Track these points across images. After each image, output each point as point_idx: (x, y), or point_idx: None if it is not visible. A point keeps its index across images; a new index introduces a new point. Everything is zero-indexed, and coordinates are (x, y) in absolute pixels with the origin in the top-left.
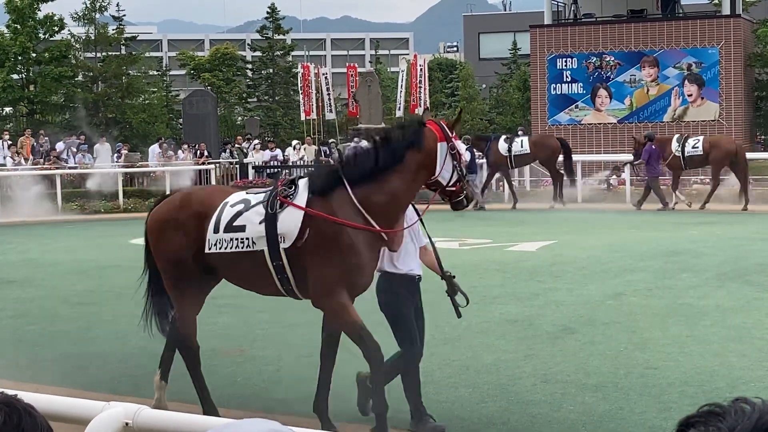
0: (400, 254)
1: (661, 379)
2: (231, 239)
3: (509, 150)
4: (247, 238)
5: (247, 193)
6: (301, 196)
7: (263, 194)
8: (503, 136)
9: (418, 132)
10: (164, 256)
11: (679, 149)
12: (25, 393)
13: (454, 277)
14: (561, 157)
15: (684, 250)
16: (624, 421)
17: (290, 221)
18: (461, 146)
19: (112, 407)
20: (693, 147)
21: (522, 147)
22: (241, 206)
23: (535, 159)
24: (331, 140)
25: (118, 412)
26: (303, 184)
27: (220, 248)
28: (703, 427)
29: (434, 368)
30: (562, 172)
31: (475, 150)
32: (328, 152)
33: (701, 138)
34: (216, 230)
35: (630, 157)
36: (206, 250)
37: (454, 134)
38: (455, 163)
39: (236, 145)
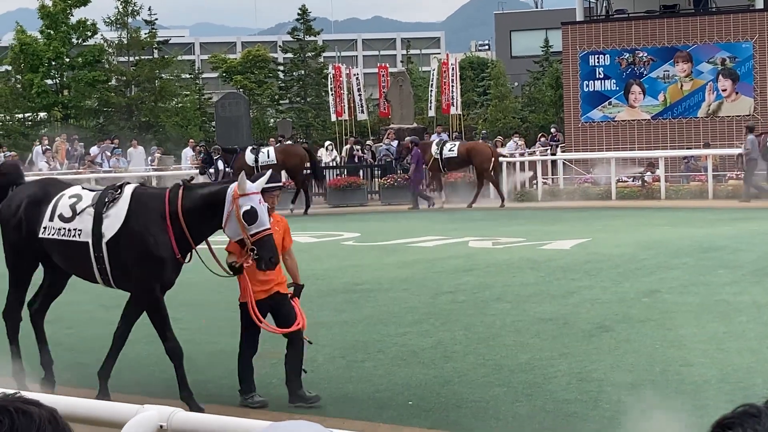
0: None
1: (698, 376)
2: None
3: (256, 160)
4: None
5: None
6: None
7: None
8: (250, 147)
9: None
10: None
11: (438, 152)
12: (61, 397)
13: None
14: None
15: (719, 247)
16: (661, 418)
17: None
18: None
19: (147, 410)
20: (449, 150)
21: (269, 157)
22: None
23: (282, 168)
24: (367, 141)
25: (153, 415)
26: None
27: None
28: (740, 429)
29: (468, 368)
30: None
31: (224, 161)
32: (361, 152)
33: (457, 143)
34: None
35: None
36: None
37: None
38: None
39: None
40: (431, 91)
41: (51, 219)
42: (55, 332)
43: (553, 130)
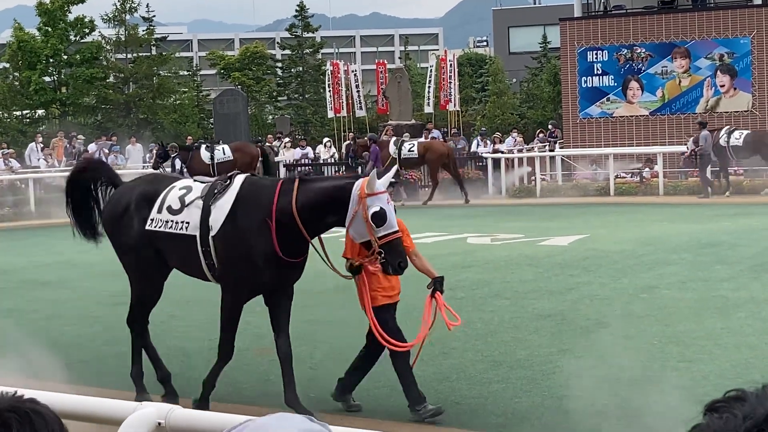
0: None
1: (696, 372)
2: None
3: (212, 158)
4: None
5: None
6: None
7: None
8: (204, 145)
9: None
10: None
11: (396, 152)
12: (60, 394)
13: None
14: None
15: (718, 242)
16: (658, 414)
17: None
18: None
19: (145, 407)
20: (408, 150)
21: (224, 154)
22: None
23: (237, 165)
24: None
25: (151, 412)
26: None
27: None
28: (726, 412)
29: (467, 364)
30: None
31: (180, 160)
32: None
33: (416, 142)
34: None
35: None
36: None
37: None
38: None
39: (267, 144)
40: (429, 87)
41: (159, 211)
42: (52, 330)
43: (551, 126)
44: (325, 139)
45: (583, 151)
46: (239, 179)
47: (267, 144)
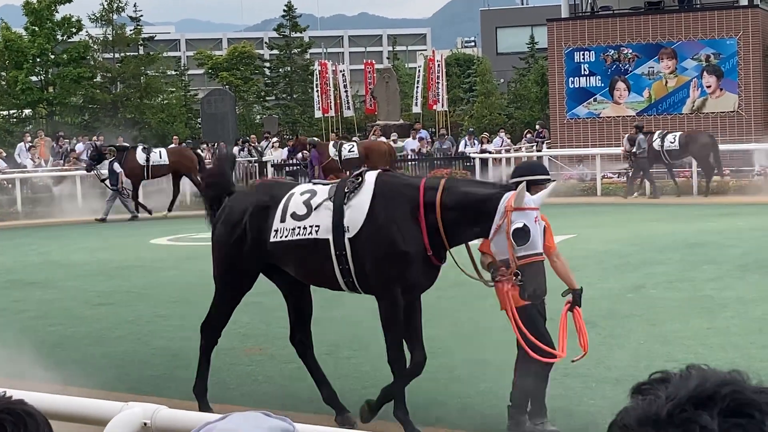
0: None
1: None
2: None
3: (147, 160)
4: None
5: None
6: None
7: None
8: (140, 147)
9: None
10: None
11: (336, 153)
12: (46, 394)
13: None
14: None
15: (705, 242)
16: None
17: None
18: None
19: (131, 407)
20: (349, 151)
21: (161, 158)
22: None
23: (173, 170)
24: (353, 138)
25: (137, 412)
26: None
27: None
28: (650, 394)
29: (455, 364)
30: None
31: (117, 162)
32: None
33: (355, 143)
34: None
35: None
36: None
37: None
38: None
39: (252, 144)
40: (417, 87)
41: (283, 220)
42: (39, 330)
43: (538, 126)
44: (315, 140)
45: (570, 151)
46: (371, 176)
47: (252, 144)
